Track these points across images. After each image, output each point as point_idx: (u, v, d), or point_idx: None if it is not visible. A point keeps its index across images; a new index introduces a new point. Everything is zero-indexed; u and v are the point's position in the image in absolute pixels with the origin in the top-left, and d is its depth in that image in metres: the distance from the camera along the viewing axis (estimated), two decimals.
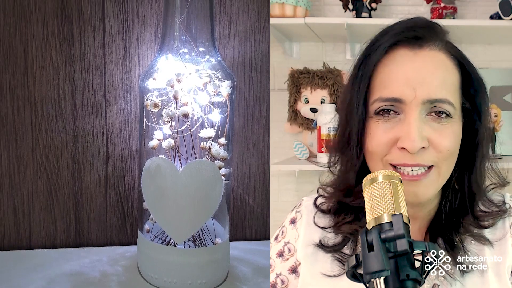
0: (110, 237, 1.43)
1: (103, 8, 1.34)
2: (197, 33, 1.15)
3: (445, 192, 0.93)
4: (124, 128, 1.38)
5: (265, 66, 1.43)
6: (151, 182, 1.14)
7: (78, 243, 1.42)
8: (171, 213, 1.13)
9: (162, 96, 1.13)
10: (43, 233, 1.40)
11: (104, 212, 1.42)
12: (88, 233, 1.42)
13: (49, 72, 1.33)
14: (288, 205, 1.08)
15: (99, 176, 1.39)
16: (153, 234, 1.20)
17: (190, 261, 1.15)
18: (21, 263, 1.28)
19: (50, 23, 1.32)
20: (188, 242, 1.17)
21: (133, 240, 1.44)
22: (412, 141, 0.84)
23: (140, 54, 1.37)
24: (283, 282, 0.99)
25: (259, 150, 1.47)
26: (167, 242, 1.18)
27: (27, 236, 1.39)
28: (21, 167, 1.36)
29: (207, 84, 1.11)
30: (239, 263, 1.32)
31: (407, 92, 0.85)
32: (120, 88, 1.36)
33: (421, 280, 0.70)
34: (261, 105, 1.45)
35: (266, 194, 1.50)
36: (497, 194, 0.97)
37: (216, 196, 1.14)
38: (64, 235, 1.41)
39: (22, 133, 1.34)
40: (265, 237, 1.51)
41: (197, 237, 1.18)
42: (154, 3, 1.36)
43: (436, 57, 0.88)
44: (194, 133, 1.13)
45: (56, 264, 1.27)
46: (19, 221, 1.38)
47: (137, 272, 1.23)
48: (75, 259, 1.31)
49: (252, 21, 1.41)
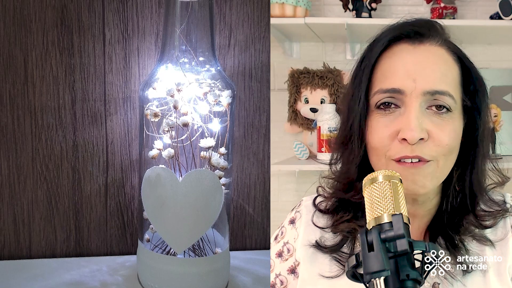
0: (110, 246, 1.43)
1: (103, 17, 1.34)
2: (197, 43, 1.15)
3: (445, 191, 0.93)
4: (124, 137, 1.38)
5: (265, 75, 1.43)
6: (151, 191, 1.14)
7: (78, 253, 1.42)
8: (171, 222, 1.13)
9: (162, 106, 1.13)
10: (43, 242, 1.40)
11: (104, 221, 1.41)
12: (88, 242, 1.42)
13: (49, 82, 1.33)
14: (288, 205, 1.08)
15: (99, 186, 1.39)
16: (153, 243, 1.20)
17: (190, 271, 1.15)
18: (21, 272, 1.27)
19: (50, 32, 1.32)
20: (188, 251, 1.17)
21: (133, 250, 1.43)
22: (411, 131, 0.84)
23: (140, 63, 1.37)
24: (282, 282, 0.99)
25: (259, 159, 1.47)
26: (167, 251, 1.18)
27: (27, 246, 1.39)
28: (21, 176, 1.36)
29: (207, 94, 1.11)
30: (239, 272, 1.32)
31: (407, 83, 0.86)
32: (120, 97, 1.36)
33: (421, 280, 0.70)
34: (261, 114, 1.45)
35: (266, 203, 1.49)
36: (498, 194, 0.98)
37: (216, 205, 1.14)
38: (64, 244, 1.41)
39: (22, 143, 1.34)
40: (265, 246, 1.51)
41: (197, 247, 1.18)
42: (154, 13, 1.36)
43: (436, 52, 0.90)
44: (194, 142, 1.13)
45: (56, 273, 1.27)
46: (19, 230, 1.38)
47: (137, 281, 1.23)
48: (75, 268, 1.31)
49: (252, 30, 1.41)
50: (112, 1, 1.34)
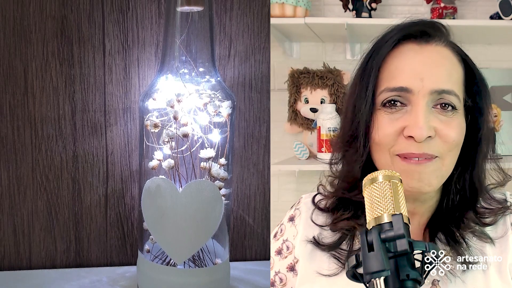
0: (110, 257, 1.43)
1: (103, 28, 1.34)
2: (197, 53, 1.15)
3: (446, 190, 0.93)
4: (124, 148, 1.38)
5: (265, 86, 1.44)
6: (151, 202, 1.14)
7: (78, 264, 1.42)
8: (171, 233, 1.13)
9: (162, 116, 1.13)
10: (43, 253, 1.40)
11: (104, 232, 1.41)
12: (88, 253, 1.42)
13: (49, 92, 1.33)
14: (288, 205, 1.08)
15: (99, 197, 1.39)
16: (153, 254, 1.20)
17: (190, 282, 1.15)
18: (21, 283, 1.27)
19: (50, 43, 1.32)
20: (188, 262, 1.17)
21: (133, 260, 1.43)
22: (420, 129, 0.85)
23: (140, 74, 1.37)
24: (281, 280, 1.00)
25: (259, 170, 1.47)
26: (167, 262, 1.17)
27: (27, 257, 1.39)
28: (21, 187, 1.36)
29: (207, 104, 1.11)
30: (239, 283, 1.32)
31: (414, 82, 0.87)
32: (120, 108, 1.36)
33: (421, 280, 0.71)
34: (261, 125, 1.45)
35: (266, 214, 1.49)
36: (498, 192, 0.98)
37: (216, 216, 1.14)
38: (64, 255, 1.40)
39: (22, 153, 1.34)
40: (265, 257, 1.51)
41: (197, 257, 1.18)
42: (154, 24, 1.36)
43: (442, 52, 0.91)
44: (194, 153, 1.13)
45: (56, 284, 1.27)
46: (19, 241, 1.38)
47: None
48: (75, 279, 1.31)
49: (252, 41, 1.42)
50: (112, 12, 1.34)
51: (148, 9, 1.36)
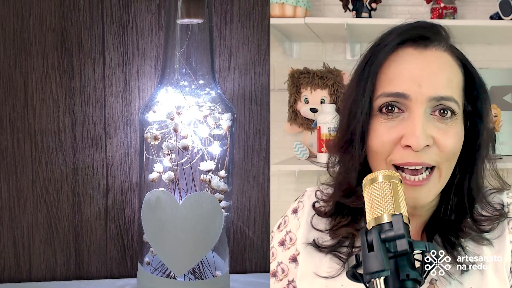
0: (110, 269, 1.43)
1: (103, 40, 1.34)
2: (197, 66, 1.15)
3: (444, 195, 0.93)
4: (124, 160, 1.38)
5: (265, 98, 1.44)
6: (151, 214, 1.14)
7: (78, 276, 1.41)
8: (171, 245, 1.13)
9: (162, 129, 1.13)
10: (43, 265, 1.39)
11: (104, 244, 1.41)
12: (88, 265, 1.41)
13: (49, 105, 1.33)
14: (288, 205, 1.09)
15: (99, 209, 1.39)
16: (153, 266, 1.20)
17: None
18: None
19: (50, 55, 1.32)
20: (188, 274, 1.16)
21: (133, 273, 1.43)
22: (417, 138, 0.84)
23: (140, 86, 1.37)
24: (283, 270, 1.00)
25: (259, 182, 1.47)
26: (167, 274, 1.17)
27: (27, 269, 1.39)
28: (21, 199, 1.36)
29: (207, 117, 1.11)
30: None
31: (412, 88, 0.86)
32: (120, 120, 1.36)
33: (421, 280, 0.71)
34: (261, 137, 1.45)
35: (266, 227, 1.49)
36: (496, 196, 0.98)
37: (216, 228, 1.14)
38: (64, 267, 1.40)
39: (22, 166, 1.34)
40: (265, 269, 1.50)
41: (197, 270, 1.18)
42: (154, 36, 1.36)
43: (441, 57, 0.90)
44: (194, 165, 1.13)
45: None
46: (19, 253, 1.38)
47: None
48: None
49: (252, 53, 1.42)
50: (112, 24, 1.34)
51: (148, 21, 1.36)
